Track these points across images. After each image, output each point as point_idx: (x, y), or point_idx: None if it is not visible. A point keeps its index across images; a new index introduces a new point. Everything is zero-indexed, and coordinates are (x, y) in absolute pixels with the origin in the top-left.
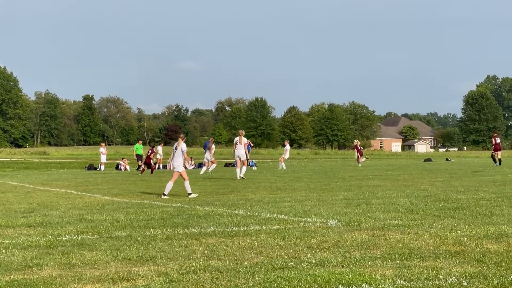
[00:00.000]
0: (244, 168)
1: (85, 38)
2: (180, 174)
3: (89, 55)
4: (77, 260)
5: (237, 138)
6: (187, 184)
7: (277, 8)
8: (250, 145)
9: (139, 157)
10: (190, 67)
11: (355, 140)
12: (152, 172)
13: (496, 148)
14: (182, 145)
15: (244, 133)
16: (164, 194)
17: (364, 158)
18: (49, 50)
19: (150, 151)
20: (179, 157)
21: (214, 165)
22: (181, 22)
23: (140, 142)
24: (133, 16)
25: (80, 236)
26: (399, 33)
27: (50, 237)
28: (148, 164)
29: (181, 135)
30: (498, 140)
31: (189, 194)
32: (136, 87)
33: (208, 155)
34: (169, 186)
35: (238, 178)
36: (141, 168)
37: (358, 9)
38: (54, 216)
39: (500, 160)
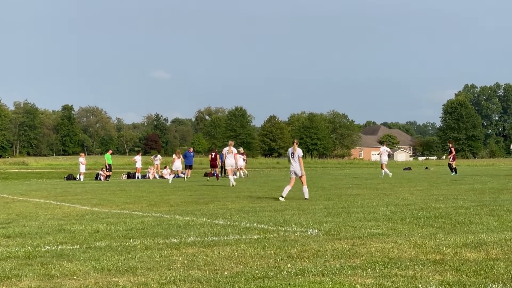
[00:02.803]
0: (231, 177)
1: (63, 48)
2: (300, 178)
3: (67, 65)
4: (56, 271)
5: (226, 149)
6: (305, 188)
7: (253, 17)
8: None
9: (109, 166)
10: (165, 76)
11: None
12: (217, 178)
13: (454, 157)
14: (298, 151)
15: (233, 143)
16: (306, 198)
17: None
18: (28, 60)
19: (214, 154)
20: (297, 163)
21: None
22: (154, 31)
23: (110, 151)
24: (108, 24)
25: (59, 247)
26: (377, 41)
27: (29, 247)
28: (214, 166)
29: (295, 140)
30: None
31: (306, 199)
32: (112, 97)
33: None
34: (305, 190)
35: (231, 185)
36: (216, 174)
37: (337, 18)
38: (33, 227)
39: (455, 168)
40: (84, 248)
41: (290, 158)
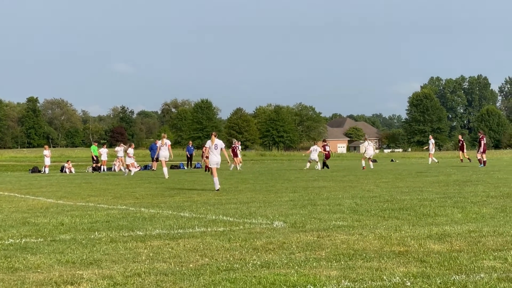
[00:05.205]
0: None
1: (28, 39)
2: (213, 169)
3: (32, 57)
4: (20, 264)
5: (159, 142)
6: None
7: (217, 7)
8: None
9: (96, 158)
10: (126, 69)
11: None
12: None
13: (328, 155)
14: (219, 142)
15: (166, 136)
16: (218, 190)
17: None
18: None
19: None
20: (218, 155)
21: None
22: (117, 23)
23: (96, 143)
24: (69, 16)
25: (23, 240)
26: (344, 34)
27: None
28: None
29: (214, 133)
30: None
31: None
32: (77, 90)
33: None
34: (216, 181)
35: (166, 177)
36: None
37: (304, 11)
38: None
39: (326, 164)
40: (49, 241)
41: (213, 149)
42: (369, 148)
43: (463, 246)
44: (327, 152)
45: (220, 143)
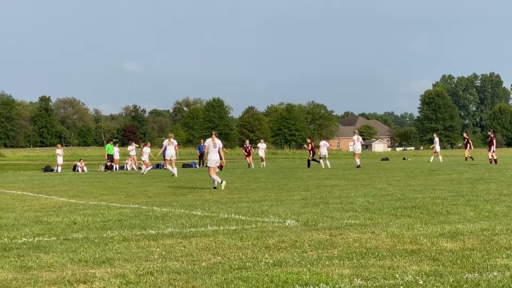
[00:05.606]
0: (169, 167)
1: (40, 39)
2: (211, 168)
3: (44, 56)
4: (33, 263)
5: (166, 140)
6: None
7: (229, 8)
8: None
9: (109, 156)
10: (136, 68)
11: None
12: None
13: (313, 152)
14: (218, 142)
15: (173, 135)
16: (221, 182)
17: None
18: (4, 51)
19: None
20: (217, 153)
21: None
22: (128, 22)
23: (111, 142)
24: (78, 17)
25: (36, 239)
26: (356, 33)
27: (6, 239)
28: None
29: (214, 132)
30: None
31: (221, 182)
32: (89, 89)
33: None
34: (216, 178)
35: (172, 175)
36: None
37: (315, 10)
38: (10, 219)
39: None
40: (61, 240)
41: (212, 148)
42: (357, 143)
43: (475, 245)
44: (311, 150)
45: (218, 143)
